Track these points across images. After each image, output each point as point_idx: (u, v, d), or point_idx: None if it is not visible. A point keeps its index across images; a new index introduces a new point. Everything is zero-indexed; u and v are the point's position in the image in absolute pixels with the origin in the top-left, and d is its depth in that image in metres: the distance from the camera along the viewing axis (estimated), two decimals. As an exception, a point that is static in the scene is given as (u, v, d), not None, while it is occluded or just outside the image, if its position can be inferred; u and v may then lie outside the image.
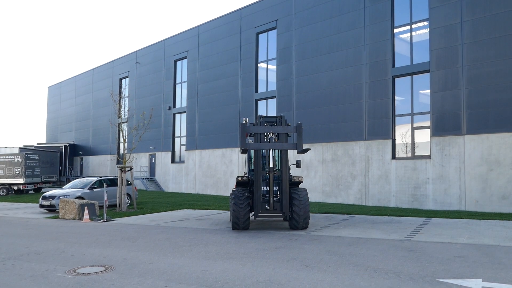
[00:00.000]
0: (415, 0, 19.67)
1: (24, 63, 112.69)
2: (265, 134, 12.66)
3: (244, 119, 12.82)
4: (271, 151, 12.34)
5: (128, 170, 19.14)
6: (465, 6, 17.63)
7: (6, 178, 30.02)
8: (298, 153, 12.32)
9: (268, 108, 25.92)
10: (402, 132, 19.62)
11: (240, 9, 28.13)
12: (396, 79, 19.95)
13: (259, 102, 26.51)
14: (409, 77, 19.57)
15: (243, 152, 12.41)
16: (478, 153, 16.87)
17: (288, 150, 12.82)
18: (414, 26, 19.73)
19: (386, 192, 19.54)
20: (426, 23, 19.23)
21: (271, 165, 12.17)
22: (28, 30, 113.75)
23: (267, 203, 12.17)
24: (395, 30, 20.17)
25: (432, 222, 13.64)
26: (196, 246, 9.96)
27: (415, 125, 19.28)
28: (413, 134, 19.27)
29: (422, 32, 19.60)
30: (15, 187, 30.34)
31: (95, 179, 20.63)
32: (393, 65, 19.95)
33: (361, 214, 16.14)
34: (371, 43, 20.66)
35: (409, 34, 19.90)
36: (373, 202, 19.93)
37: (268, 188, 12.32)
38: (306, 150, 12.46)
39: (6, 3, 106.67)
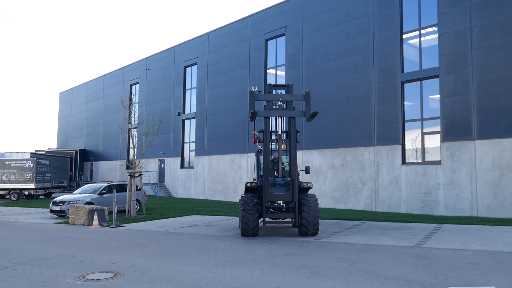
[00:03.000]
0: (424, 5, 19.61)
1: (36, 70, 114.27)
2: (274, 104, 12.59)
3: (253, 87, 12.84)
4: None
5: (138, 176, 19.24)
6: (474, 11, 17.51)
7: (17, 183, 30.39)
8: (306, 120, 12.29)
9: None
10: (412, 138, 19.47)
11: (249, 16, 28.26)
12: (405, 84, 19.85)
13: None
14: (418, 82, 19.45)
15: (252, 118, 12.27)
16: (489, 158, 16.68)
17: (297, 155, 12.81)
18: (423, 31, 19.64)
19: (396, 198, 19.37)
20: (435, 28, 19.12)
21: (279, 132, 12.16)
22: (40, 37, 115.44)
23: (276, 171, 12.20)
24: (404, 36, 20.10)
25: (443, 228, 13.49)
26: (205, 253, 9.95)
27: (425, 130, 19.13)
28: (423, 140, 19.11)
29: (431, 37, 19.49)
30: (26, 192, 30.65)
31: (105, 184, 20.75)
32: (402, 71, 19.86)
33: (371, 220, 16.02)
34: (379, 48, 20.60)
35: (418, 40, 19.80)
36: (383, 208, 19.77)
37: (277, 189, 12.38)
38: (315, 115, 12.06)
39: (19, 11, 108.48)
